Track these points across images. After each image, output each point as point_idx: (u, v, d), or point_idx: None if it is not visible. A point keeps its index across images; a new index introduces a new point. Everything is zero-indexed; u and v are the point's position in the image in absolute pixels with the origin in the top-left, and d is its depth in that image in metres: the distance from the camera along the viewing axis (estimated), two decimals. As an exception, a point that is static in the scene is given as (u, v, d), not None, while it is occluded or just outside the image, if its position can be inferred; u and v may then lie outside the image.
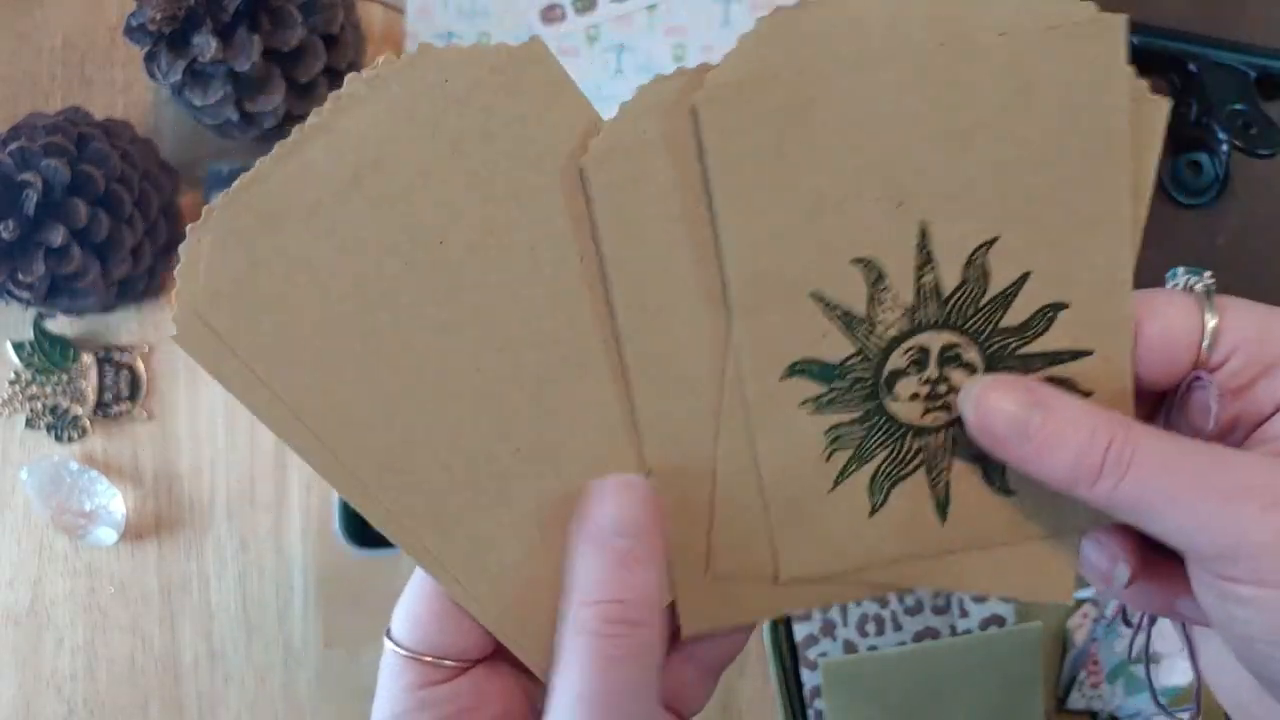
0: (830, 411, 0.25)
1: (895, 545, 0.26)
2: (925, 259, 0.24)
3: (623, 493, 0.26)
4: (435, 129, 0.23)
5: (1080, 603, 0.59)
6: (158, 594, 0.61)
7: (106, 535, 0.60)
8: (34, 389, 0.62)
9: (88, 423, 0.62)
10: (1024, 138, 0.23)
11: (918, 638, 0.57)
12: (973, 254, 0.24)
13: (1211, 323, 0.25)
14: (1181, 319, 0.25)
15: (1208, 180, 0.51)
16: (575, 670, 0.25)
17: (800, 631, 0.58)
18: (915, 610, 0.58)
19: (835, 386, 0.25)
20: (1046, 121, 0.23)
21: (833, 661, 0.56)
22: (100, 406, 0.62)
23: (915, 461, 0.26)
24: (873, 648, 0.57)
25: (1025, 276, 0.24)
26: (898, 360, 0.25)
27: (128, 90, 0.66)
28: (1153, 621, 0.36)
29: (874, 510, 0.26)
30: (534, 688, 0.29)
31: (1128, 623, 0.56)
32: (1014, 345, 0.25)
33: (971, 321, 0.25)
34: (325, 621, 0.61)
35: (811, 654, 0.57)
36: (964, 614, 0.57)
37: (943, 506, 0.26)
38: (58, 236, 0.53)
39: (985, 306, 0.24)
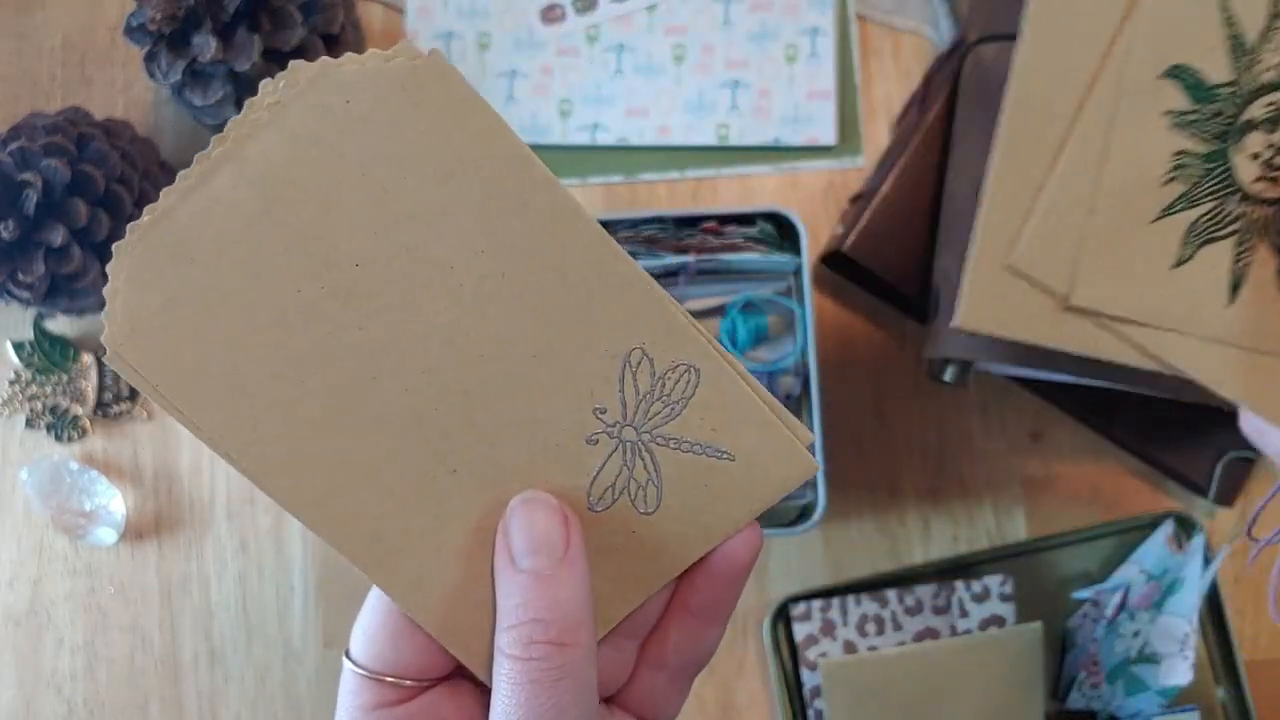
0: (1186, 133, 0.25)
1: (1180, 309, 0.26)
2: None
3: (534, 510, 0.25)
4: (341, 152, 0.23)
5: (1080, 602, 0.59)
6: (158, 594, 0.61)
7: (106, 535, 0.60)
8: (34, 389, 0.62)
9: (88, 423, 0.62)
10: None
11: (918, 638, 0.57)
12: None
13: None
14: None
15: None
16: (504, 695, 0.24)
17: (800, 631, 0.58)
18: (915, 610, 0.58)
19: (1199, 109, 0.25)
20: None
21: (833, 661, 0.56)
22: (100, 406, 0.62)
23: (1232, 227, 0.26)
24: (873, 648, 0.57)
25: None
26: (1258, 110, 0.25)
27: (128, 90, 0.66)
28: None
29: (1178, 263, 0.26)
30: None
31: (1117, 633, 0.56)
32: None
33: None
34: (325, 621, 0.61)
35: (811, 654, 0.57)
36: (964, 614, 0.57)
37: (1236, 286, 0.26)
38: (58, 236, 0.53)
39: None
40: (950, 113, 0.56)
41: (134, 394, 0.62)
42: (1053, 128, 0.25)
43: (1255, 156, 0.25)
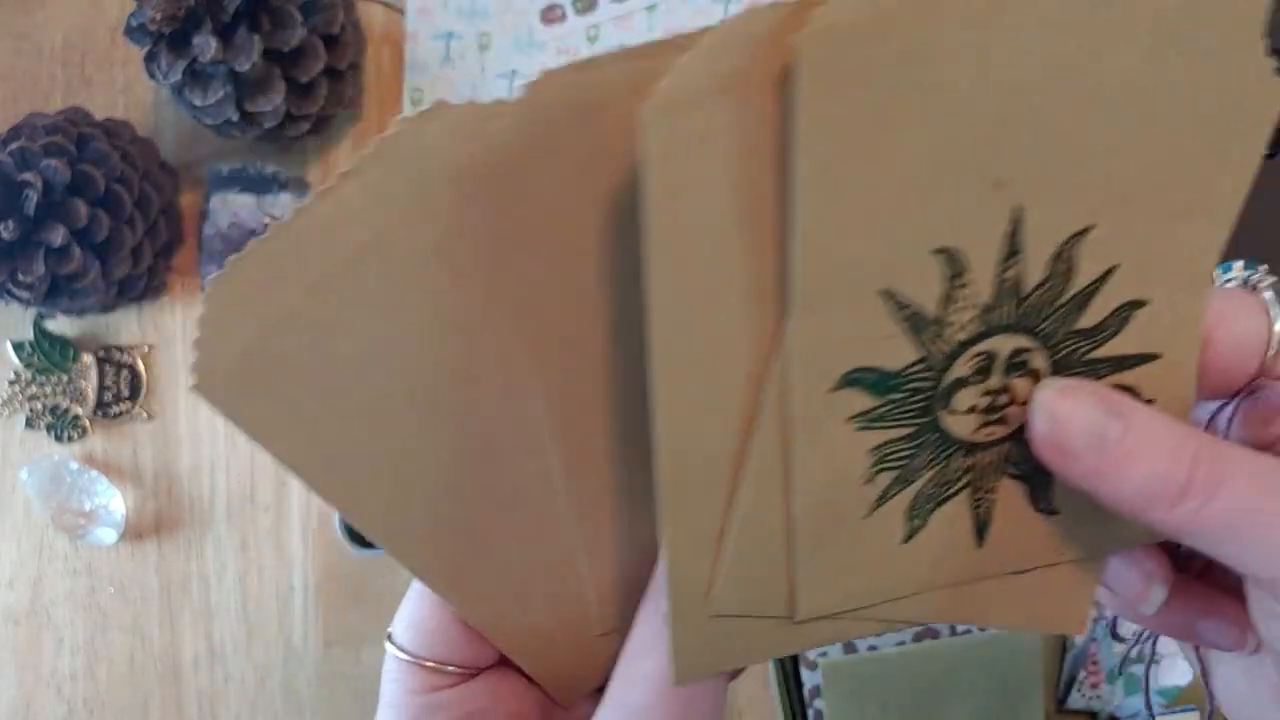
0: (881, 427, 0.22)
1: (925, 574, 0.24)
2: (1012, 250, 0.20)
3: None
4: (430, 210, 0.21)
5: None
6: (158, 594, 0.61)
7: (106, 535, 0.61)
8: (34, 389, 0.62)
9: (88, 423, 0.62)
10: (1146, 108, 0.20)
11: (918, 638, 0.57)
12: (1063, 245, 0.20)
13: (1278, 327, 0.22)
14: (1248, 322, 0.23)
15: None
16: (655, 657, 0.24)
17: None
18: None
19: (891, 399, 0.21)
20: (1173, 90, 0.20)
21: (833, 661, 0.56)
22: (100, 406, 0.62)
23: (962, 482, 0.23)
24: (873, 648, 0.57)
25: (1111, 271, 0.21)
26: (961, 368, 0.21)
27: (128, 90, 0.66)
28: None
29: (909, 536, 0.23)
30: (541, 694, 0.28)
31: (1116, 637, 0.56)
32: (1084, 349, 0.22)
33: (1045, 323, 0.21)
34: (325, 621, 0.61)
35: (811, 654, 0.57)
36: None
37: (982, 529, 0.23)
38: (58, 236, 0.54)
39: (1062, 306, 0.21)
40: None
41: (134, 394, 0.62)
42: (715, 472, 0.22)
43: (971, 409, 0.22)
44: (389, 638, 0.27)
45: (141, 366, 0.63)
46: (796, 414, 0.21)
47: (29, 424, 0.62)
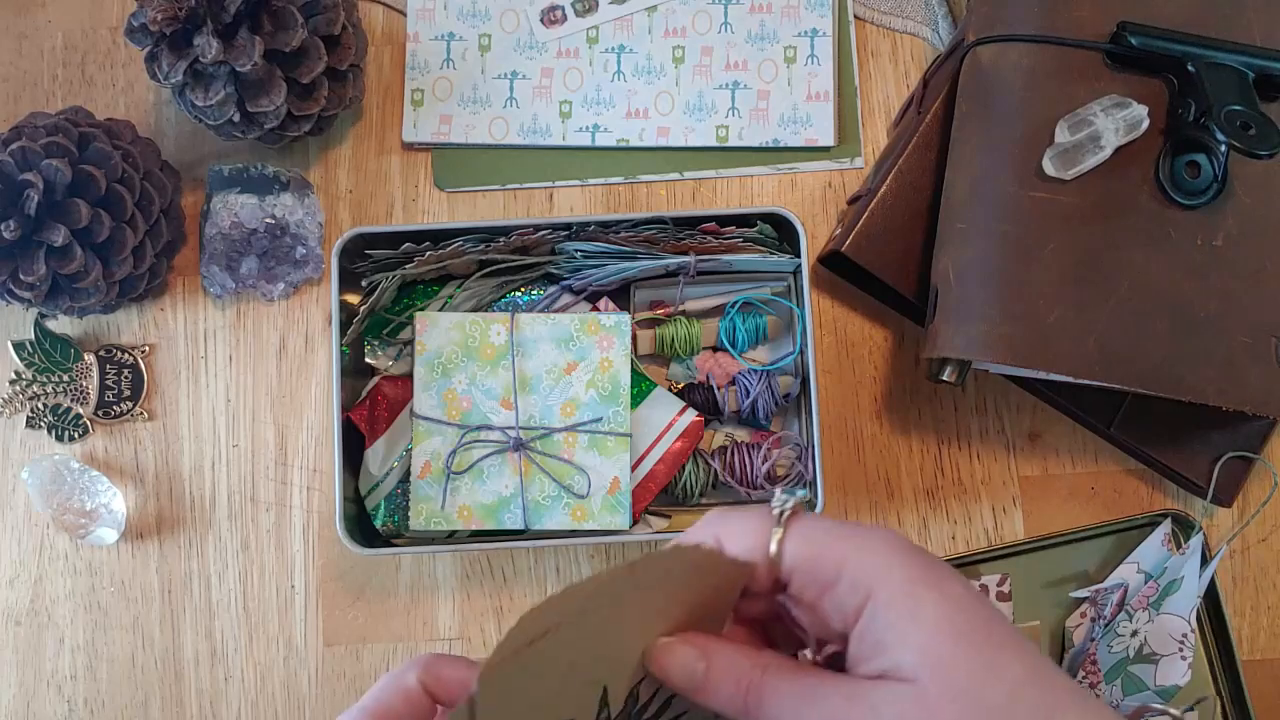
0: None
1: None
2: (602, 705, 0.30)
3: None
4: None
5: (1078, 602, 0.59)
6: (158, 593, 0.61)
7: (107, 534, 0.61)
8: (35, 389, 0.62)
9: (89, 422, 0.62)
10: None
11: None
12: (630, 689, 0.31)
13: (773, 548, 0.29)
14: (753, 541, 0.30)
15: (1206, 181, 0.51)
16: None
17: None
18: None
19: None
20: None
21: None
22: (102, 406, 0.62)
23: None
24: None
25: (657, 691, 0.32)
26: None
27: (129, 90, 0.66)
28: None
29: None
30: None
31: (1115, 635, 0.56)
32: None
33: None
34: (326, 620, 0.61)
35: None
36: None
37: None
38: (59, 236, 0.54)
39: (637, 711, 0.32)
40: (948, 114, 0.56)
41: (135, 393, 0.63)
42: None
43: None
44: None
45: (143, 366, 0.63)
46: None
47: (30, 423, 0.62)
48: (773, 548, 0.29)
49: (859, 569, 0.28)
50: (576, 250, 0.58)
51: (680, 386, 0.60)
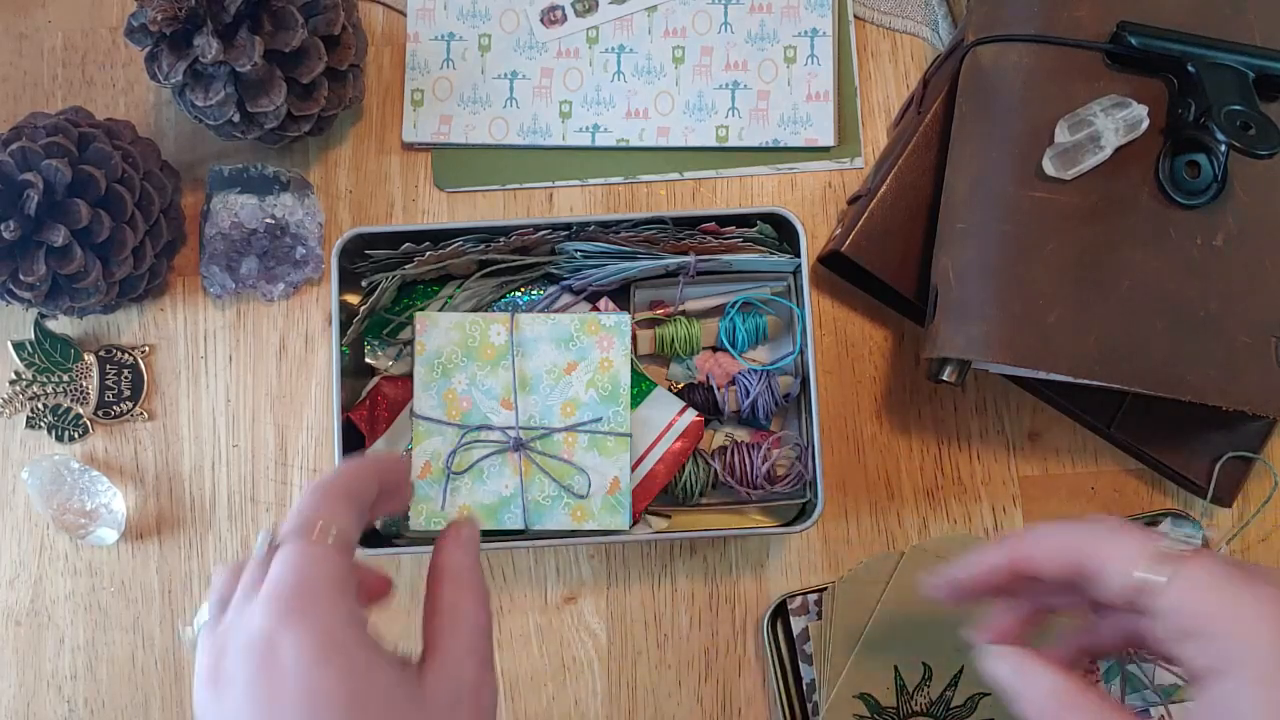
0: None
1: None
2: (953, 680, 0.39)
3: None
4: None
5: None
6: (158, 593, 0.61)
7: (107, 535, 0.61)
8: (35, 389, 0.62)
9: (89, 422, 0.62)
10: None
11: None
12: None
13: (1162, 579, 0.31)
14: (1136, 562, 0.32)
15: (1206, 181, 0.51)
16: None
17: (798, 625, 0.58)
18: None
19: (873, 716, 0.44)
20: None
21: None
22: (102, 406, 0.62)
23: None
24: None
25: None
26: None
27: (129, 91, 0.66)
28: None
29: None
30: None
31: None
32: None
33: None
34: (326, 621, 0.61)
35: (809, 646, 0.57)
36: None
37: None
38: (59, 236, 0.54)
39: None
40: (948, 114, 0.56)
41: (135, 394, 0.63)
42: None
43: None
44: None
45: (143, 366, 0.63)
46: (834, 702, 0.42)
47: (30, 424, 0.62)
48: (1163, 581, 0.31)
49: (1227, 643, 0.30)
50: (576, 250, 0.58)
51: (680, 386, 0.60)
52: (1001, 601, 0.40)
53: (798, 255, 0.57)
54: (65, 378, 0.62)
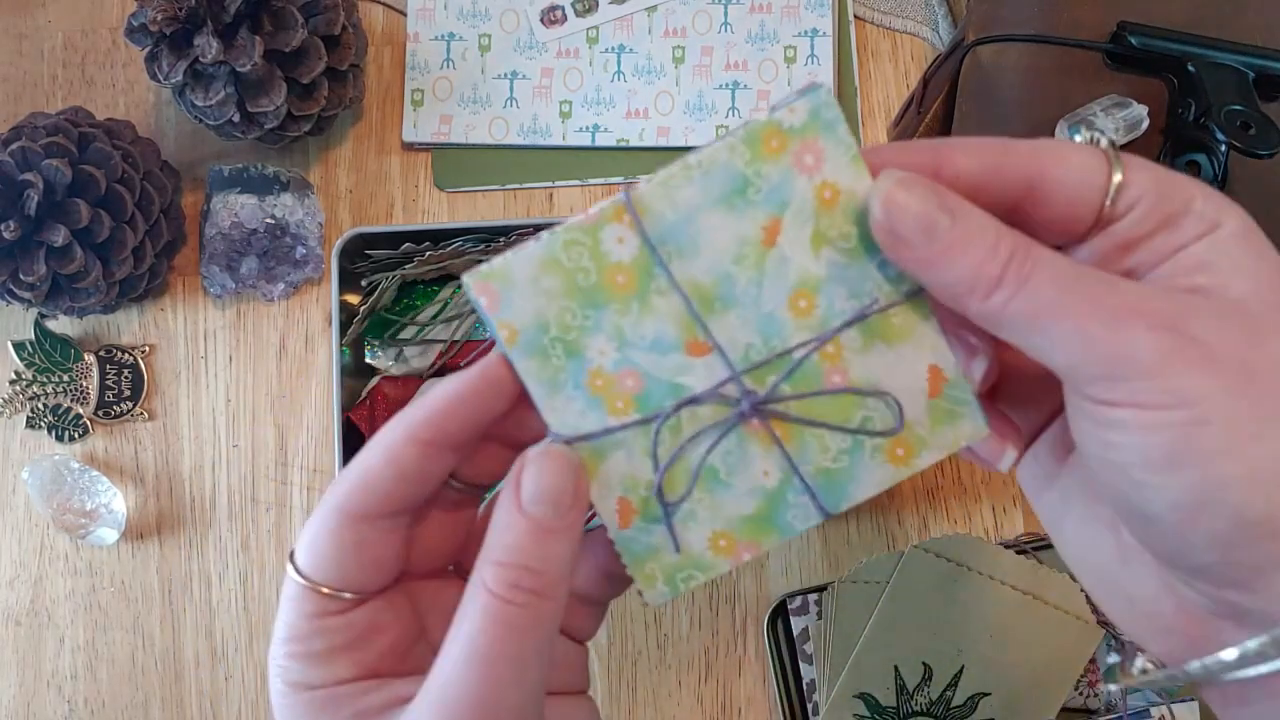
0: None
1: None
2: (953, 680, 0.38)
3: (546, 462, 0.26)
4: None
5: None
6: (159, 593, 0.61)
7: (107, 535, 0.61)
8: (35, 389, 0.62)
9: (89, 422, 0.62)
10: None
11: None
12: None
13: (1117, 177, 0.25)
14: (1087, 171, 0.25)
15: (1206, 181, 0.51)
16: (472, 624, 0.25)
17: (799, 624, 0.58)
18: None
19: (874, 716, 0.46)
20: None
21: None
22: (102, 406, 0.62)
23: None
24: (872, 647, 0.57)
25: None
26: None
27: (129, 90, 0.66)
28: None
29: None
30: (430, 617, 0.30)
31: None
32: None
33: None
34: (326, 621, 0.61)
35: (810, 646, 0.57)
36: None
37: None
38: (59, 236, 0.54)
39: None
40: (948, 114, 0.56)
41: (135, 394, 0.63)
42: None
43: None
44: (290, 557, 0.28)
45: (143, 366, 0.63)
46: (835, 701, 0.44)
47: (30, 424, 0.62)
48: (1118, 176, 0.25)
49: (1208, 203, 0.25)
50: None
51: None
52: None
53: (798, 255, 0.56)
54: (65, 378, 0.62)
